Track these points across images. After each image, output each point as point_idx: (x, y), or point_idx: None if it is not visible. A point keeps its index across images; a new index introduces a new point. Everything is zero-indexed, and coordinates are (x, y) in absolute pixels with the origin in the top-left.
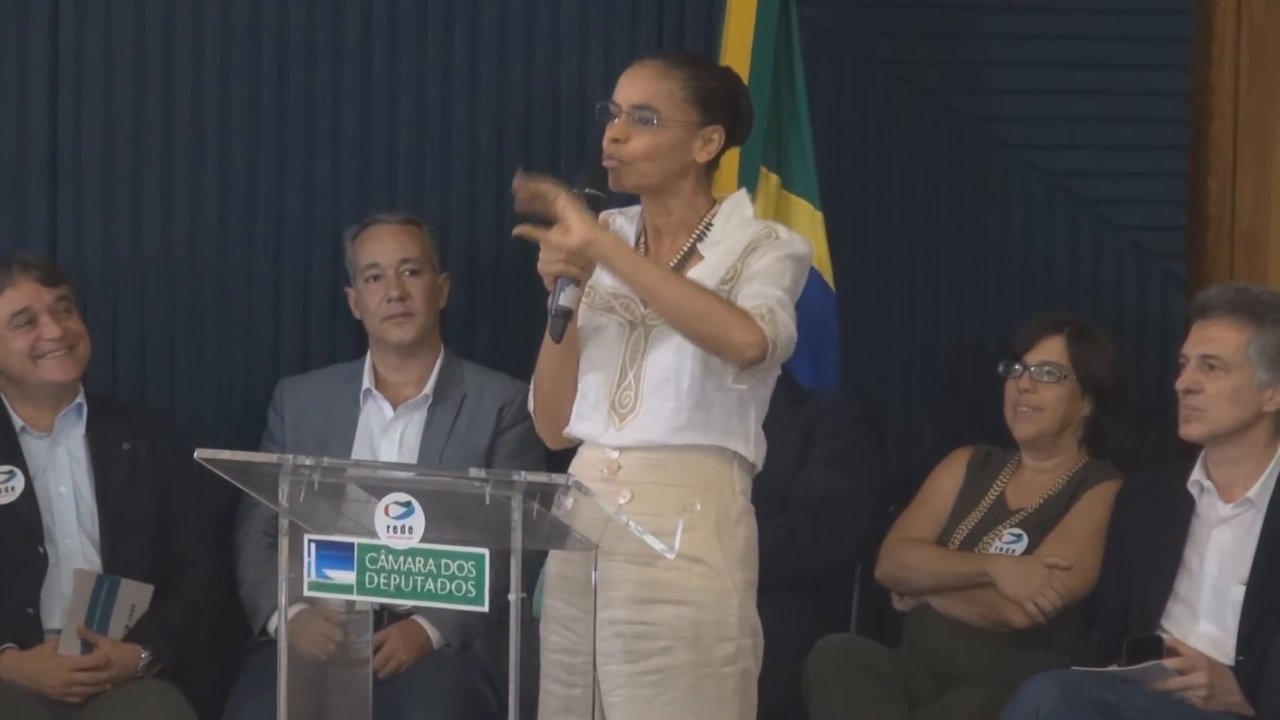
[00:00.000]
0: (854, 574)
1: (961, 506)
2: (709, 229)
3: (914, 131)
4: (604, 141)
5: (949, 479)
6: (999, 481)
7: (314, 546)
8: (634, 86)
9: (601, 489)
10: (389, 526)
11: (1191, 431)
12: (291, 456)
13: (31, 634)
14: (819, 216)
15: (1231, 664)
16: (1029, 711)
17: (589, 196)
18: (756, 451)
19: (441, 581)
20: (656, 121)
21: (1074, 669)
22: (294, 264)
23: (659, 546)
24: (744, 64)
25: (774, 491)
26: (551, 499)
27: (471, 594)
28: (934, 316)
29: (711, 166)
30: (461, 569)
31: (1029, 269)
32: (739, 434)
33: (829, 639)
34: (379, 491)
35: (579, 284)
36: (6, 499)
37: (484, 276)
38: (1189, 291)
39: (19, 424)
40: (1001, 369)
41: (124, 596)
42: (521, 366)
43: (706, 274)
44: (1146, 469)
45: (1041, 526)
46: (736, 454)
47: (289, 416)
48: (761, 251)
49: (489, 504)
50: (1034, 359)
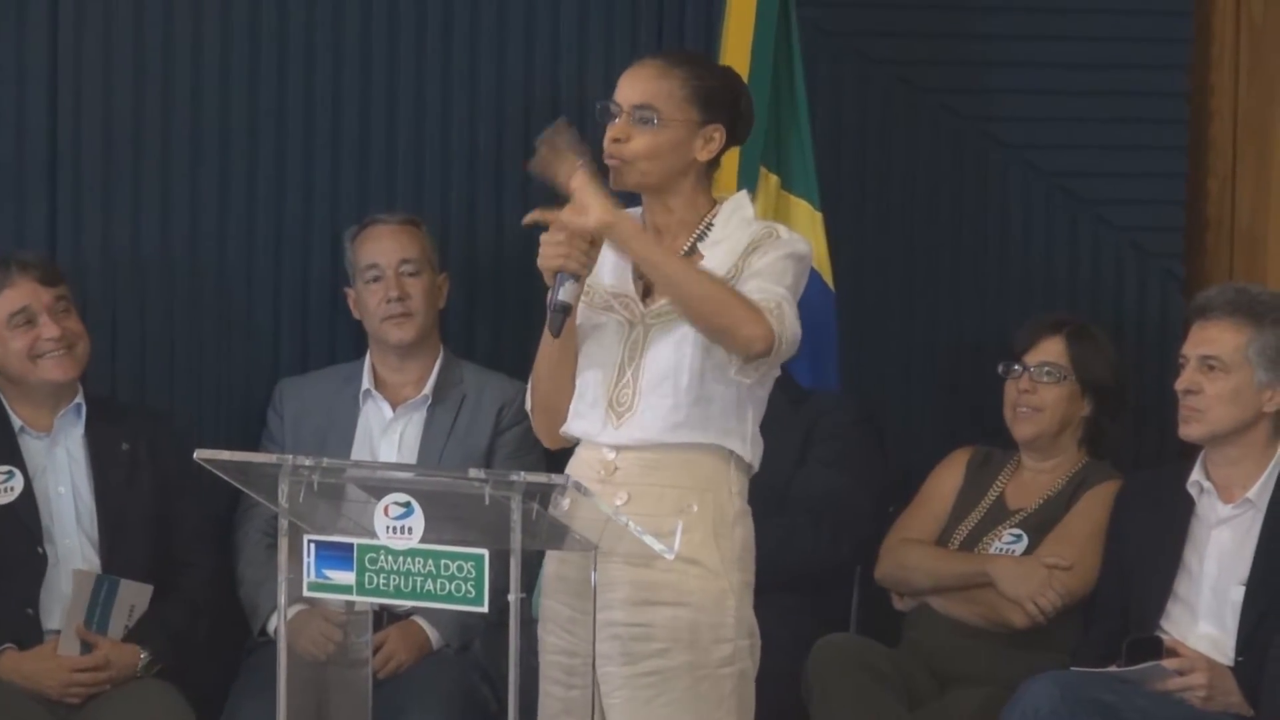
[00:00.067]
0: (853, 574)
1: (961, 507)
2: (710, 228)
3: (913, 132)
4: (605, 141)
5: (949, 479)
6: (999, 482)
7: (313, 547)
8: (634, 86)
9: (598, 490)
10: (388, 527)
11: (1191, 432)
12: (291, 457)
13: (31, 634)
14: (819, 217)
15: (1231, 664)
16: (1028, 712)
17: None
18: (754, 452)
19: (441, 582)
20: (657, 121)
21: (1073, 669)
22: (293, 264)
23: (658, 547)
24: (744, 64)
25: (774, 492)
26: (551, 499)
27: (471, 594)
28: (933, 317)
29: (712, 166)
30: (461, 569)
31: (1028, 269)
32: (736, 433)
33: (829, 639)
34: (378, 492)
35: (578, 279)
36: (5, 499)
37: (483, 277)
38: (1188, 292)
39: (18, 424)
40: (1001, 369)
41: (123, 597)
42: (521, 367)
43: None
44: (1146, 469)
45: (1041, 527)
46: (733, 454)
47: (288, 417)
48: (763, 251)
49: (488, 504)
50: (1034, 359)
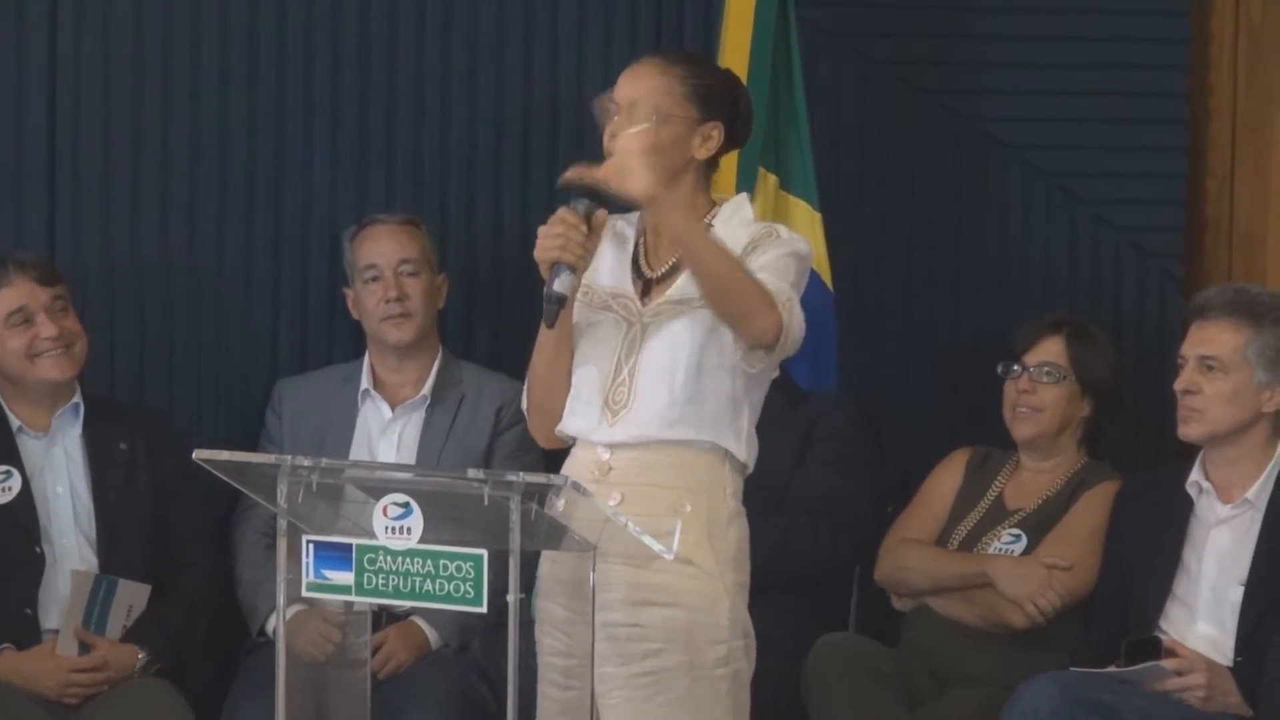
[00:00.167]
0: (853, 574)
1: (960, 507)
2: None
3: (913, 132)
4: (604, 140)
5: (948, 479)
6: (998, 482)
7: (312, 547)
8: (633, 84)
9: (592, 491)
10: (387, 527)
11: (1190, 432)
12: (290, 457)
13: (29, 634)
14: (817, 217)
15: (1230, 665)
16: (1027, 712)
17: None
18: (748, 452)
19: (440, 582)
20: (653, 118)
21: (1072, 669)
22: (292, 264)
23: (658, 547)
24: (742, 64)
25: (772, 492)
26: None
27: (470, 595)
28: (933, 317)
29: (711, 166)
30: (460, 570)
31: (1028, 270)
32: (731, 431)
33: (828, 639)
34: (377, 492)
35: (574, 271)
36: (3, 499)
37: (482, 277)
38: (1187, 292)
39: (16, 424)
40: (1000, 369)
41: (122, 597)
42: (520, 367)
43: None
44: (1145, 470)
45: (1040, 527)
46: (728, 454)
47: (287, 417)
48: (763, 249)
49: (487, 505)
50: (1033, 359)
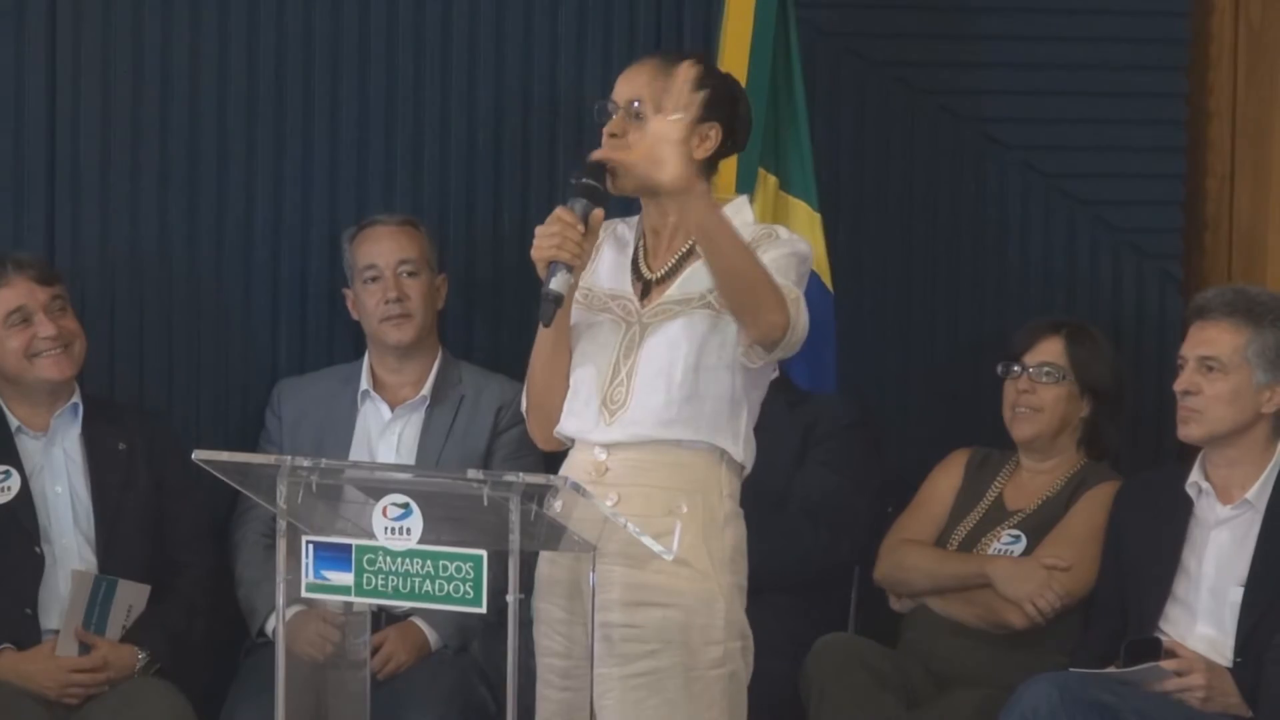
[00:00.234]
0: (852, 575)
1: (960, 508)
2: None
3: (912, 133)
4: (602, 140)
5: (947, 480)
6: (997, 483)
7: (312, 548)
8: (630, 83)
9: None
10: (387, 528)
11: (1190, 433)
12: (289, 458)
13: (29, 634)
14: (817, 218)
15: (1229, 665)
16: (1027, 713)
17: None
18: (746, 453)
19: (439, 583)
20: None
21: (1072, 670)
22: (292, 265)
23: (657, 548)
24: (742, 65)
25: (772, 493)
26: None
27: (469, 595)
28: (932, 318)
29: (710, 168)
30: (459, 570)
31: (1027, 270)
32: (729, 432)
33: (827, 639)
34: (377, 493)
35: (571, 270)
36: (3, 499)
37: (482, 278)
38: (1187, 293)
39: (15, 424)
40: (1000, 370)
41: (121, 597)
42: (519, 368)
43: (705, 274)
44: (1145, 470)
45: (1040, 528)
46: (725, 454)
47: (287, 418)
48: (764, 249)
49: (487, 505)
50: (1032, 360)
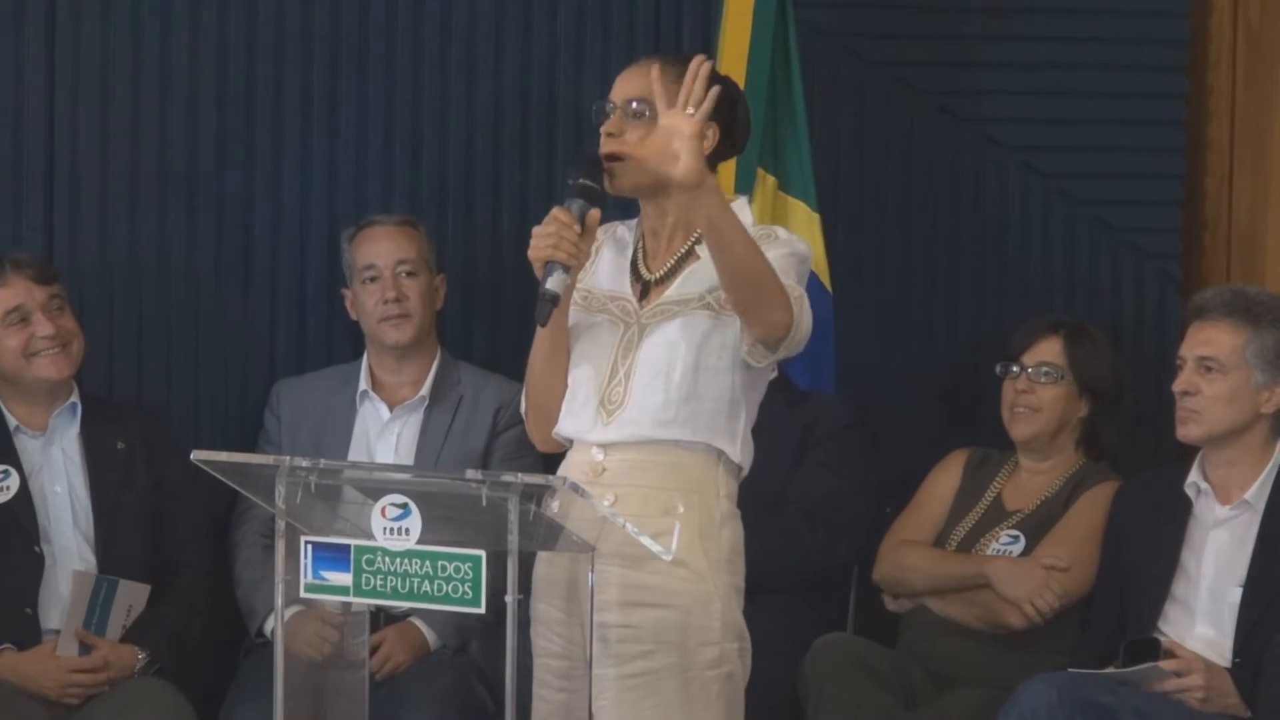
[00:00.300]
0: (851, 575)
1: (959, 508)
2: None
3: (911, 133)
4: (600, 140)
5: (946, 481)
6: (996, 483)
7: (310, 548)
8: (628, 83)
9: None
10: (385, 528)
11: (1189, 433)
12: (288, 458)
13: (29, 634)
14: (816, 218)
15: (1228, 666)
16: (1025, 713)
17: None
18: (744, 454)
19: (438, 583)
20: (649, 114)
21: (1071, 670)
22: (291, 265)
23: (656, 548)
24: (741, 66)
25: (771, 493)
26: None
27: (468, 596)
28: (931, 318)
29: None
30: (458, 570)
31: (1026, 270)
32: (727, 433)
33: (826, 639)
34: (375, 493)
35: (568, 270)
36: (2, 498)
37: (481, 278)
38: (1186, 293)
39: (13, 423)
40: (999, 370)
41: (122, 597)
42: (518, 368)
43: (704, 275)
44: (1143, 471)
45: (1039, 528)
46: (722, 455)
47: (285, 418)
48: (764, 249)
49: (485, 506)
50: (1031, 360)
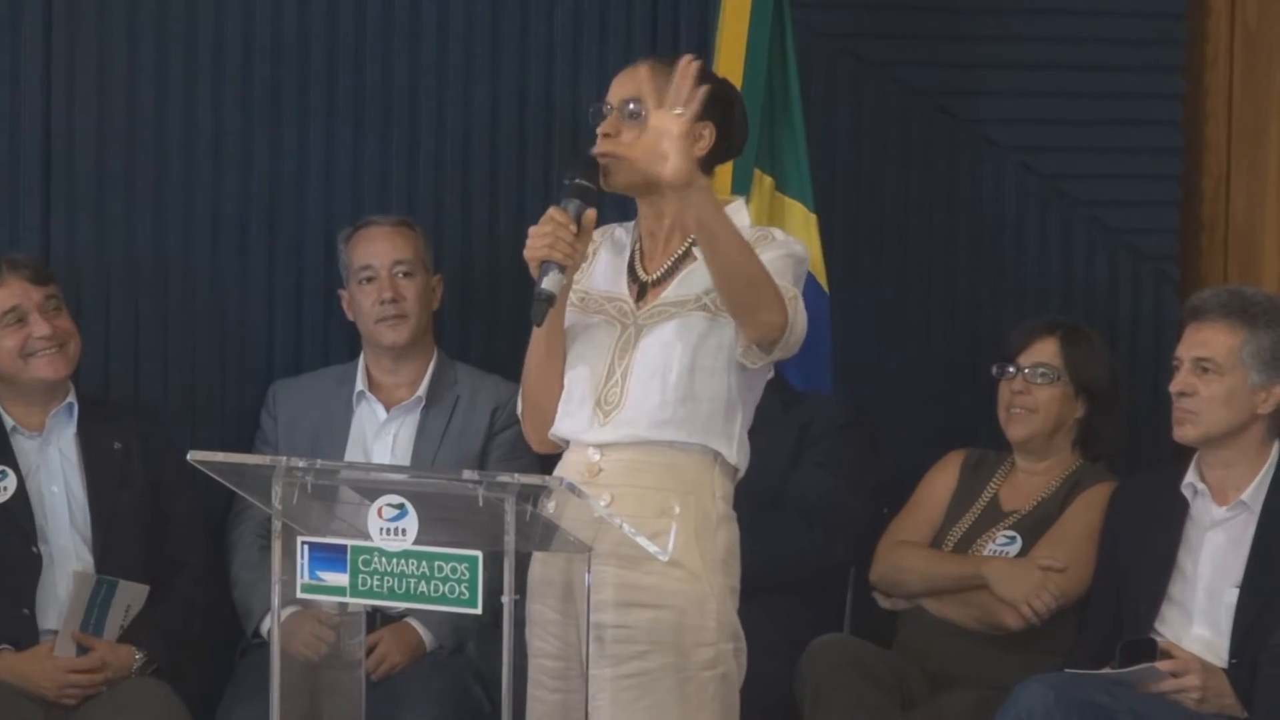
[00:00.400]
0: (847, 575)
1: (955, 509)
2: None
3: (908, 134)
4: (597, 141)
5: (943, 481)
6: (993, 484)
7: (307, 548)
8: (625, 84)
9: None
10: (382, 528)
11: (1185, 434)
12: (285, 458)
13: (27, 635)
14: (813, 219)
15: (1225, 667)
16: (1022, 713)
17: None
18: (740, 455)
19: (434, 584)
20: (645, 115)
21: (1067, 671)
22: (287, 265)
23: (653, 548)
24: (738, 66)
25: (767, 494)
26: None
27: (464, 596)
28: (928, 318)
29: (705, 171)
30: (455, 571)
31: (1023, 271)
32: (723, 434)
33: (823, 639)
34: (372, 493)
35: (563, 270)
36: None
37: (477, 278)
38: (1183, 294)
39: (10, 424)
40: (995, 371)
41: (120, 597)
42: (515, 369)
43: (701, 276)
44: (1140, 471)
45: (1035, 529)
46: (719, 456)
47: (282, 418)
48: (760, 251)
49: (482, 506)
50: (1027, 360)
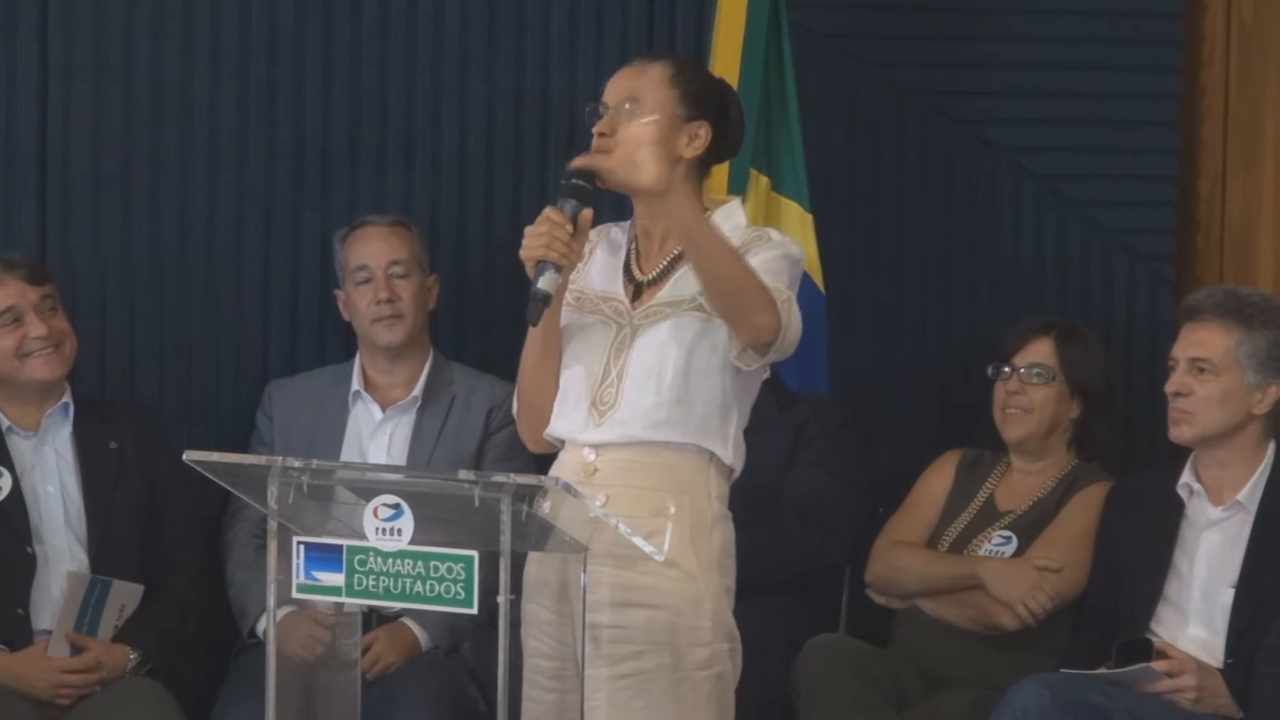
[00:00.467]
0: (843, 575)
1: (951, 509)
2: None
3: (904, 134)
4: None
5: (938, 481)
6: (988, 484)
7: (302, 548)
8: (620, 83)
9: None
10: (378, 529)
11: (1181, 434)
12: (280, 458)
13: (21, 635)
14: (809, 219)
15: (1220, 667)
16: (1018, 714)
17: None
18: (735, 456)
19: (430, 584)
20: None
21: (1063, 671)
22: (283, 265)
23: (648, 548)
24: (734, 66)
25: (763, 494)
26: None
27: (460, 596)
28: (923, 318)
29: (702, 170)
30: (450, 571)
31: (1019, 271)
32: (718, 435)
33: (818, 640)
34: (368, 493)
35: (559, 270)
36: None
37: (473, 278)
38: (1178, 294)
39: (5, 424)
40: (990, 371)
41: (115, 597)
42: (510, 369)
43: None
44: (1136, 472)
45: (1031, 529)
46: (714, 457)
47: (278, 418)
48: (756, 251)
49: (478, 506)
50: (1023, 361)
